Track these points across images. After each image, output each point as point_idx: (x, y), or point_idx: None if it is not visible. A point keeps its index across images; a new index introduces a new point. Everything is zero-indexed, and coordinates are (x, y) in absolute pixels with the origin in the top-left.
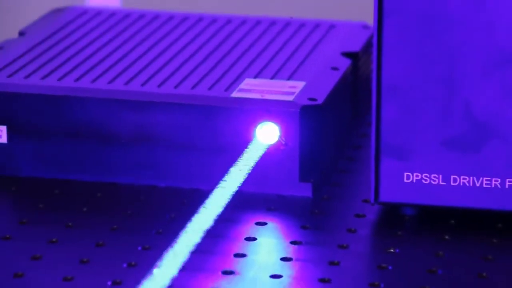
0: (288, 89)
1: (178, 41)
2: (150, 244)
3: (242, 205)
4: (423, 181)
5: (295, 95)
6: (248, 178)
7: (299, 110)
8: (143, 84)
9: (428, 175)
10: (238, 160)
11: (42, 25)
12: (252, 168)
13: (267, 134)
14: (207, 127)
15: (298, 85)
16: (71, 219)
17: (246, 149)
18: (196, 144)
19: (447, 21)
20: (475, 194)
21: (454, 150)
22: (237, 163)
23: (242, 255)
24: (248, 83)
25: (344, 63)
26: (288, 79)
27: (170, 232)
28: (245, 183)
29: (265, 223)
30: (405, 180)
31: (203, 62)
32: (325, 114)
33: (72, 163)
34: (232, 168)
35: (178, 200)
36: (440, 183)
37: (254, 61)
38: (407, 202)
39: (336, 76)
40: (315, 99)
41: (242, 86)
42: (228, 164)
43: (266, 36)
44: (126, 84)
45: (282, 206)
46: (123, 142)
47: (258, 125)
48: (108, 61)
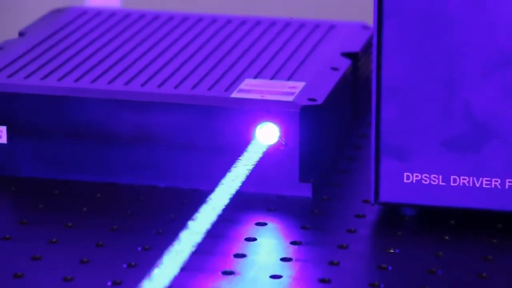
0: (288, 89)
1: (178, 41)
2: (150, 245)
3: (242, 205)
4: (423, 181)
5: (295, 96)
6: (248, 178)
7: (299, 111)
8: (143, 85)
9: (428, 176)
10: (238, 160)
11: (42, 25)
12: (252, 169)
13: (267, 134)
14: (207, 127)
15: (298, 85)
16: (71, 219)
17: (246, 149)
18: (196, 144)
19: (447, 21)
20: (475, 195)
21: (454, 151)
22: (237, 164)
23: (242, 256)
24: (248, 83)
25: (344, 64)
26: (288, 79)
27: (170, 232)
28: (245, 183)
29: (265, 224)
30: (405, 180)
31: (203, 62)
32: (325, 114)
33: (72, 163)
34: (232, 168)
35: (178, 200)
36: (440, 183)
37: (254, 61)
38: (407, 202)
39: (336, 77)
40: (315, 100)
41: (242, 87)
42: (228, 164)
43: (266, 36)
44: (126, 84)
45: (282, 206)
46: (123, 142)
47: (258, 125)
48: (108, 61)
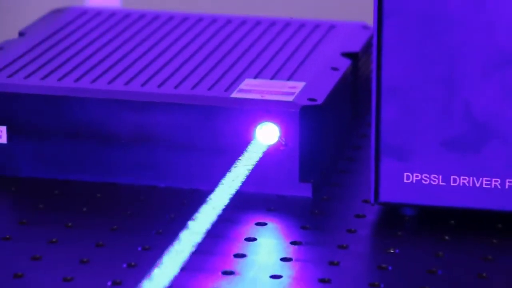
0: (288, 89)
1: (178, 41)
2: (150, 245)
3: (242, 205)
4: (423, 181)
5: (295, 96)
6: (248, 178)
7: (299, 111)
8: (143, 85)
9: (428, 176)
10: (238, 160)
11: (42, 25)
12: (252, 169)
13: (267, 134)
14: (207, 127)
15: (298, 85)
16: (71, 220)
17: (246, 149)
18: (196, 145)
19: (447, 21)
20: (475, 195)
21: (454, 151)
22: (237, 164)
23: (242, 256)
24: (248, 83)
25: (344, 64)
26: (288, 79)
27: (170, 232)
28: (245, 183)
29: (265, 224)
30: (405, 180)
31: (203, 62)
32: (325, 114)
33: (72, 163)
34: (232, 168)
35: (178, 201)
36: (440, 183)
37: (254, 61)
38: (407, 202)
39: (336, 77)
40: (315, 100)
41: (242, 87)
42: (228, 164)
43: (266, 36)
44: (126, 84)
45: (282, 206)
46: (123, 142)
47: (258, 125)
48: (108, 61)
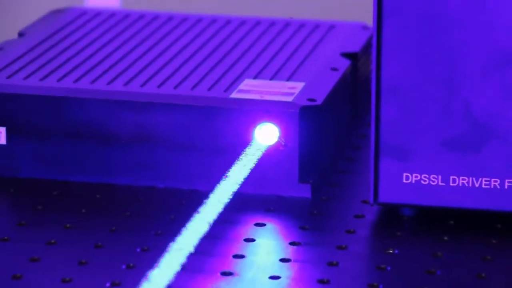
0: (287, 89)
1: (177, 41)
2: (149, 245)
3: (241, 206)
4: (422, 181)
5: (294, 96)
6: (247, 179)
7: (299, 111)
8: (142, 85)
9: (427, 176)
10: (237, 161)
11: (42, 26)
12: (251, 169)
13: (267, 134)
14: (207, 127)
15: (298, 85)
16: (70, 220)
17: (245, 150)
18: (195, 145)
19: (447, 21)
20: (474, 195)
21: (453, 151)
22: (236, 164)
23: (241, 256)
24: (248, 83)
25: (344, 64)
26: (287, 79)
27: (169, 233)
28: (244, 184)
29: (264, 224)
30: (404, 180)
31: (202, 62)
32: (324, 114)
33: (72, 164)
34: (231, 168)
35: (177, 201)
36: (440, 183)
37: (253, 61)
38: (406, 202)
39: (335, 77)
40: (315, 100)
41: (241, 87)
42: (227, 165)
43: (265, 36)
44: (125, 85)
45: (281, 207)
46: (122, 143)
47: (257, 125)
48: (108, 62)
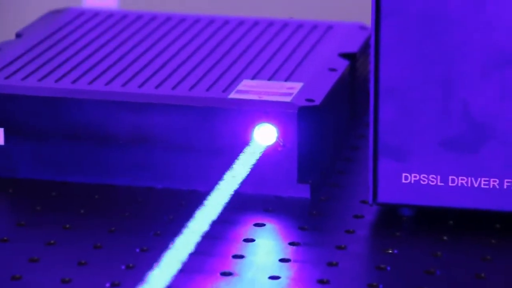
0: (286, 90)
1: (175, 42)
2: (148, 246)
3: (240, 206)
4: (421, 181)
5: (292, 96)
6: (246, 179)
7: (297, 111)
8: (140, 86)
9: (426, 176)
10: (236, 161)
11: (39, 26)
12: (250, 170)
13: (265, 135)
14: (205, 128)
15: (296, 86)
16: (69, 221)
17: (244, 150)
18: (194, 146)
19: (445, 22)
20: (473, 195)
21: (452, 151)
22: (235, 165)
23: (241, 257)
24: (246, 84)
25: (342, 64)
26: (286, 80)
27: (168, 233)
28: (243, 184)
29: (263, 224)
30: (403, 181)
31: (200, 63)
32: (323, 115)
33: (70, 164)
34: (230, 169)
35: (176, 202)
36: (438, 183)
37: (251, 62)
38: (405, 203)
39: (334, 77)
40: (313, 100)
41: (240, 87)
42: (226, 165)
43: (263, 37)
44: (123, 85)
45: (280, 207)
46: (120, 143)
47: (256, 126)
48: (106, 62)
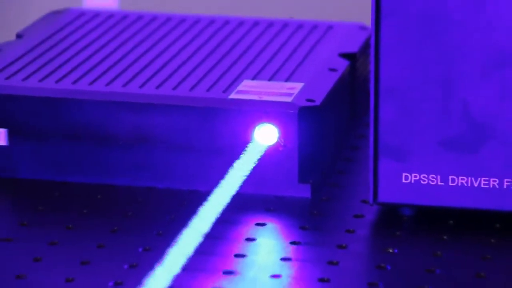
0: (286, 90)
1: (176, 42)
2: (150, 245)
3: (241, 206)
4: (421, 181)
5: (293, 96)
6: (247, 179)
7: (298, 111)
8: (141, 86)
9: (426, 176)
10: (237, 161)
11: (40, 27)
12: (251, 170)
13: (266, 135)
14: (206, 128)
15: (296, 86)
16: (71, 221)
17: (245, 150)
18: (194, 146)
19: (445, 22)
20: (473, 195)
21: (452, 151)
22: (236, 165)
23: (242, 256)
24: (246, 84)
25: (342, 64)
26: (286, 80)
27: (170, 233)
28: (244, 184)
29: (264, 224)
30: (403, 180)
31: (201, 63)
32: (323, 115)
33: (71, 165)
34: (231, 169)
35: (177, 202)
36: (438, 183)
37: (252, 62)
38: (406, 202)
39: (334, 77)
40: (313, 100)
41: (240, 88)
42: (227, 165)
43: (264, 37)
44: (124, 86)
45: (281, 207)
46: (121, 144)
47: (256, 126)
48: (106, 63)
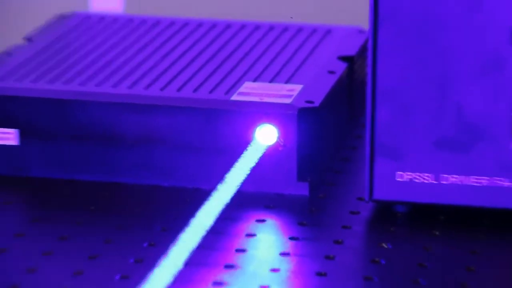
0: (286, 92)
1: (179, 45)
2: (155, 241)
3: (242, 203)
4: (415, 180)
5: (293, 98)
6: (248, 177)
7: (297, 113)
8: (146, 88)
9: (420, 174)
10: (238, 160)
11: (48, 30)
12: (252, 168)
13: (266, 135)
14: (208, 129)
15: (296, 88)
16: (80, 217)
17: (246, 150)
18: (197, 146)
19: (440, 27)
20: (465, 193)
21: (445, 151)
22: (237, 164)
23: (243, 250)
24: (248, 86)
25: (340, 67)
26: (286, 82)
27: (174, 229)
28: (245, 182)
29: (264, 220)
30: (398, 179)
31: (204, 66)
32: (321, 116)
33: (79, 163)
34: (233, 168)
35: (181, 199)
36: (432, 181)
37: (253, 65)
38: (400, 200)
39: (332, 79)
40: (312, 102)
41: (241, 90)
42: (229, 164)
43: (264, 40)
44: (130, 87)
45: (281, 204)
46: (128, 143)
47: (257, 127)
48: (112, 65)
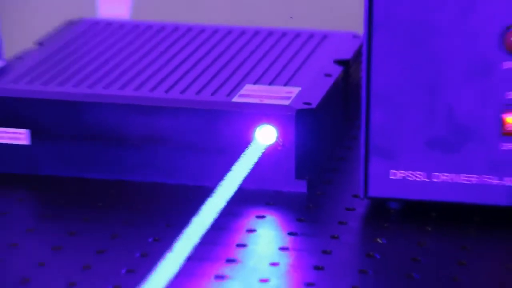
0: (284, 94)
1: (183, 50)
2: (160, 236)
3: (243, 200)
4: (408, 178)
5: (291, 100)
6: (248, 176)
7: (295, 114)
8: (151, 90)
9: (412, 173)
10: (239, 159)
11: (58, 35)
12: (252, 167)
13: (266, 135)
14: (211, 129)
15: (294, 90)
16: (88, 214)
17: (246, 149)
18: (200, 145)
19: (432, 32)
20: (455, 190)
21: (436, 150)
22: (238, 163)
23: (244, 245)
24: (248, 88)
25: (336, 70)
26: (284, 85)
27: (178, 225)
28: (245, 180)
29: (264, 216)
30: (391, 177)
31: (206, 69)
32: (318, 117)
33: (88, 163)
34: (234, 167)
35: (184, 196)
36: (424, 179)
37: (253, 68)
38: (393, 197)
39: (329, 82)
40: (310, 104)
41: (242, 92)
42: (230, 163)
43: (264, 45)
44: (136, 90)
45: (280, 201)
46: (134, 143)
47: (257, 127)
48: (119, 69)
